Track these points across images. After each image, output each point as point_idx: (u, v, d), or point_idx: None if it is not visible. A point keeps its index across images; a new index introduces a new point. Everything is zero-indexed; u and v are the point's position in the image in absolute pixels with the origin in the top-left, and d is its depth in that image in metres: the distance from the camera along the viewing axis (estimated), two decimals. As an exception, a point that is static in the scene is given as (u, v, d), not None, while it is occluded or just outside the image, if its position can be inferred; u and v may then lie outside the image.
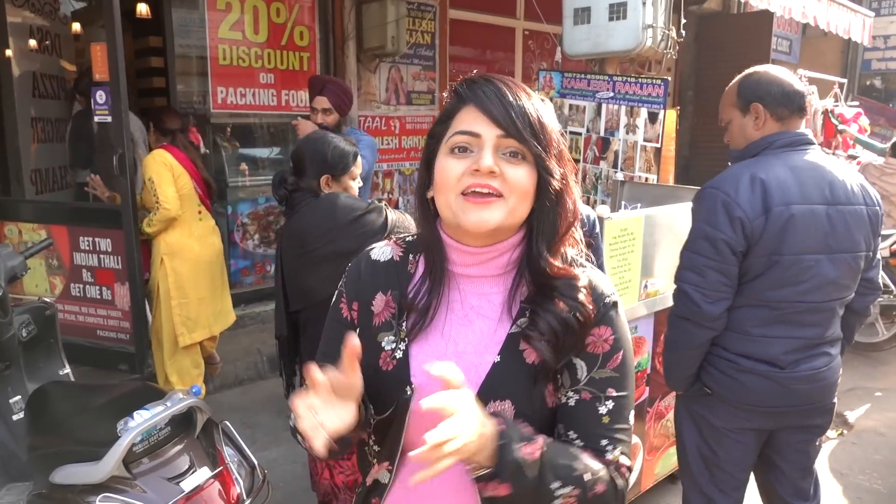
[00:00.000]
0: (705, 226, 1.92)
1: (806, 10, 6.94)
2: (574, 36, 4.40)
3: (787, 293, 1.92)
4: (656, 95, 4.14)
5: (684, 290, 1.94)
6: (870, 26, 8.37)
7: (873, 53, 11.32)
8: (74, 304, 4.10)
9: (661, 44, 4.28)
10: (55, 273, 4.12)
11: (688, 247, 1.98)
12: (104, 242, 3.92)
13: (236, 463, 2.08)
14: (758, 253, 1.88)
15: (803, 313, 1.94)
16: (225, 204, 5.42)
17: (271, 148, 5.80)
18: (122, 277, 3.90)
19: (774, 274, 1.90)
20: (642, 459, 2.84)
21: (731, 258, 1.89)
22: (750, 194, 1.88)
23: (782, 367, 1.95)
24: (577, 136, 4.65)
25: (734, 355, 1.97)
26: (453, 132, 1.02)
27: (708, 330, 1.95)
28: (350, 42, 5.44)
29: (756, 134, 2.02)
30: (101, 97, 3.75)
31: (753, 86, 2.02)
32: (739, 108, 2.05)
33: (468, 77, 1.06)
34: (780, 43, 9.61)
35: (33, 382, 2.52)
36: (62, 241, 4.02)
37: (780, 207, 1.86)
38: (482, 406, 0.95)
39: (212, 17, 4.91)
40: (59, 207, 4.52)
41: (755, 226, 1.86)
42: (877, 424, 3.97)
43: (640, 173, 4.24)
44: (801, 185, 1.90)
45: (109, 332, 4.04)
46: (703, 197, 1.98)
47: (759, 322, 1.95)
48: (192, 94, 5.25)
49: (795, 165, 1.93)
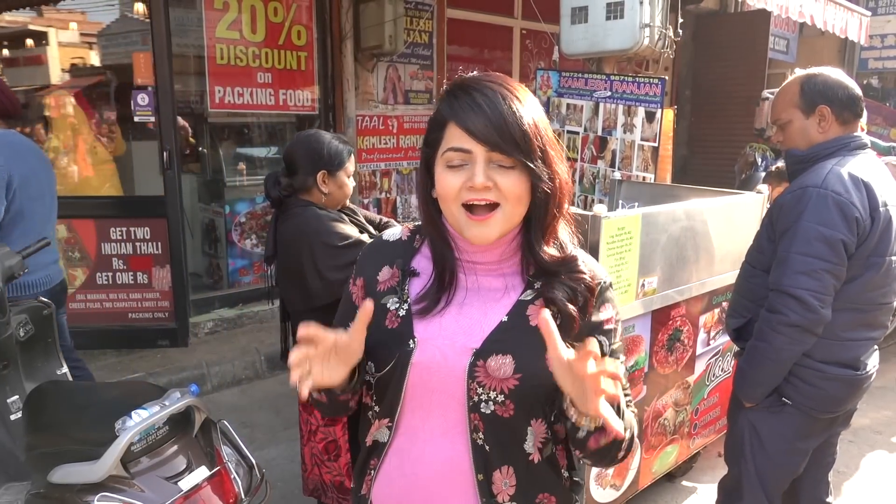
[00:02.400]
0: (820, 227, 1.82)
1: (803, 10, 6.95)
2: (571, 35, 4.40)
3: (875, 295, 1.93)
4: (653, 95, 4.14)
5: (799, 297, 1.83)
6: (867, 25, 8.38)
7: (870, 52, 11.33)
8: (101, 293, 4.52)
9: (659, 43, 4.29)
10: (76, 265, 4.45)
11: (798, 250, 1.85)
12: (141, 231, 4.44)
13: (234, 462, 2.08)
14: (860, 255, 1.86)
15: (882, 315, 1.97)
16: (222, 203, 5.43)
17: (269, 147, 5.80)
18: (161, 261, 4.47)
19: (869, 276, 1.89)
20: (640, 458, 2.85)
21: (844, 260, 1.84)
22: (858, 193, 1.84)
23: (858, 368, 1.96)
24: (575, 135, 4.66)
25: (819, 363, 1.93)
26: (446, 147, 1.08)
27: (815, 337, 1.88)
28: (347, 41, 5.44)
29: (819, 136, 1.98)
30: (144, 99, 4.37)
31: (821, 87, 1.97)
32: (802, 109, 2.00)
33: (453, 85, 1.10)
34: (777, 42, 9.62)
35: (31, 382, 2.52)
36: (87, 233, 4.43)
37: (883, 208, 1.87)
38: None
39: (209, 17, 4.90)
40: (88, 201, 4.82)
41: (865, 226, 1.84)
42: (873, 423, 3.98)
43: (637, 172, 4.25)
44: (885, 185, 1.91)
45: (145, 313, 4.56)
46: (805, 197, 1.87)
47: (847, 326, 1.92)
48: (189, 93, 5.25)
49: (872, 167, 1.93)
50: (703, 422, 3.21)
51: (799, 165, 2.01)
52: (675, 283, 2.80)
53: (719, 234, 2.98)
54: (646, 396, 2.79)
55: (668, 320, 2.83)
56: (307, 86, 5.50)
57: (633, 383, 2.70)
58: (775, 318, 1.89)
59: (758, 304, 2.00)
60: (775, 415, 2.01)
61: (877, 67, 11.71)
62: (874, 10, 10.97)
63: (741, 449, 2.10)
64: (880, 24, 10.99)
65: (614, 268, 2.48)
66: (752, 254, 2.12)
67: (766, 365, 1.95)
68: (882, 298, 1.96)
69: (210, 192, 5.70)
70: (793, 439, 2.02)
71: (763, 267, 2.02)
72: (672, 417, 2.98)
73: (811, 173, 1.92)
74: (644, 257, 2.60)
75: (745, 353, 2.03)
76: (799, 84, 2.02)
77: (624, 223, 2.50)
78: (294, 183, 2.33)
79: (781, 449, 2.03)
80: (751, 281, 2.09)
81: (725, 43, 8.39)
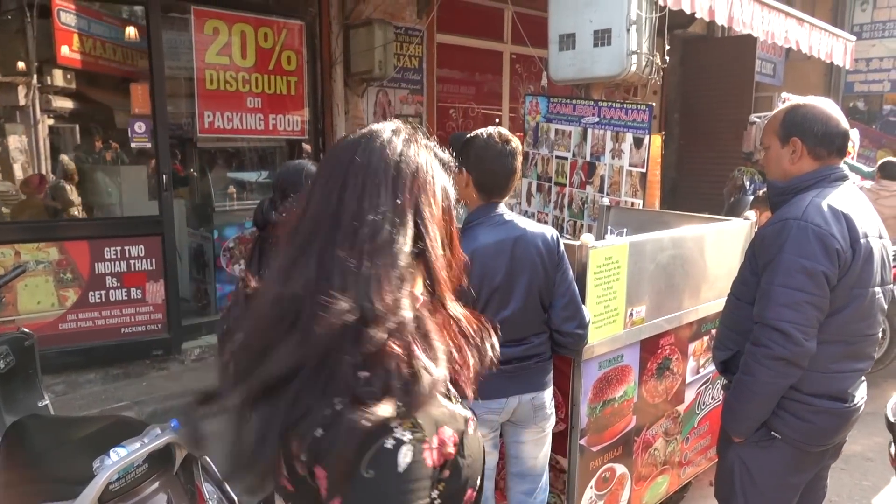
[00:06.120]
0: (801, 259, 1.82)
1: (788, 35, 7.04)
2: (559, 61, 4.43)
3: (861, 326, 1.92)
4: (641, 121, 4.16)
5: (782, 329, 1.82)
6: (851, 50, 8.49)
7: (856, 76, 11.49)
8: (93, 311, 4.59)
9: (646, 69, 4.32)
10: (67, 286, 4.51)
11: (780, 282, 1.84)
12: (135, 249, 4.63)
13: (216, 499, 2.04)
14: (844, 286, 1.85)
15: (868, 346, 1.96)
16: (211, 228, 5.40)
17: (259, 171, 5.79)
18: (155, 276, 4.70)
19: (853, 308, 1.88)
20: (630, 489, 2.81)
21: (827, 292, 1.83)
22: (838, 225, 1.84)
23: (846, 400, 1.95)
24: (564, 160, 4.67)
25: (808, 395, 1.92)
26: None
27: (801, 369, 1.87)
28: (338, 66, 5.46)
29: (791, 168, 1.99)
30: (141, 127, 4.61)
31: (799, 119, 1.98)
32: (780, 137, 2.01)
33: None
34: (764, 66, 9.75)
35: (11, 415, 2.47)
36: (80, 254, 4.50)
37: (864, 240, 1.87)
38: None
39: (199, 42, 4.91)
40: (82, 223, 5.12)
41: (846, 258, 1.84)
42: (864, 450, 3.96)
43: (626, 198, 4.26)
44: (865, 217, 1.91)
45: (138, 326, 4.73)
46: (786, 229, 1.87)
47: (834, 358, 1.91)
48: (179, 116, 5.25)
49: (852, 198, 1.94)
50: (693, 450, 3.18)
51: (780, 197, 2.02)
52: (663, 312, 2.79)
53: (707, 261, 2.98)
54: (635, 427, 2.77)
55: (658, 349, 2.82)
56: (297, 110, 5.51)
57: (622, 414, 2.68)
58: (761, 352, 1.88)
59: (744, 336, 1.99)
60: (765, 450, 1.98)
61: (862, 90, 11.87)
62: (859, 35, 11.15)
63: (732, 486, 2.07)
64: (865, 48, 11.16)
65: (602, 298, 2.46)
66: (737, 286, 2.12)
67: (753, 399, 1.94)
68: (867, 330, 1.95)
69: (198, 217, 5.67)
70: (784, 474, 1.99)
71: (747, 299, 2.01)
72: (662, 447, 2.95)
73: (791, 205, 1.93)
74: (632, 286, 2.59)
75: (731, 387, 2.02)
76: (784, 112, 2.04)
77: (611, 252, 2.49)
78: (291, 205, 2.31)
79: (772, 484, 2.01)
80: (736, 313, 2.09)
81: (713, 66, 8.49)
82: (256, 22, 5.17)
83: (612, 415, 2.63)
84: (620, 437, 2.69)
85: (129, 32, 5.50)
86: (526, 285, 2.15)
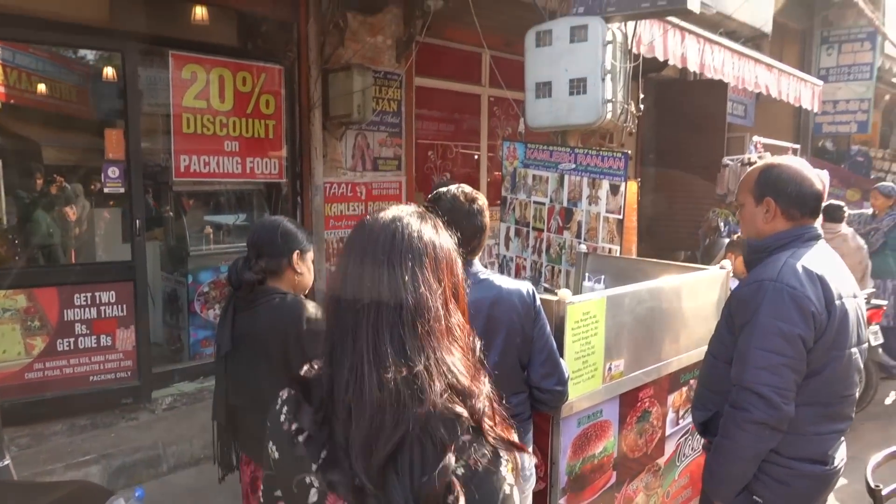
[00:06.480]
0: (777, 321, 1.81)
1: (758, 80, 7.24)
2: (536, 109, 4.48)
3: (839, 388, 1.91)
4: (617, 168, 4.21)
5: (760, 393, 1.81)
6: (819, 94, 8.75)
7: (824, 118, 11.82)
8: (61, 359, 4.47)
9: (621, 117, 4.39)
10: (35, 334, 4.40)
11: (757, 345, 1.83)
12: (106, 295, 4.54)
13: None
14: (820, 348, 1.84)
15: (846, 407, 1.95)
16: (185, 272, 5.31)
17: (236, 214, 5.74)
18: (126, 322, 4.60)
19: (831, 370, 1.87)
20: (611, 546, 2.76)
21: (804, 355, 1.82)
22: (813, 287, 1.84)
23: (826, 463, 1.94)
24: (541, 205, 4.69)
25: (788, 459, 1.90)
26: None
27: (780, 433, 1.85)
28: (316, 110, 5.47)
29: (764, 227, 2.00)
30: (115, 172, 4.55)
31: (773, 179, 1.99)
32: (754, 196, 2.02)
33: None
34: (735, 107, 9.98)
35: (-31, 479, 2.37)
36: (49, 301, 4.39)
37: (838, 301, 1.86)
38: None
39: (176, 86, 4.90)
40: (52, 269, 5.04)
41: (822, 320, 1.83)
42: (845, 497, 3.94)
43: (603, 244, 4.28)
44: (839, 278, 1.92)
45: (107, 374, 4.61)
46: (762, 291, 1.86)
47: (813, 420, 1.90)
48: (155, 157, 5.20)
49: (826, 259, 1.94)
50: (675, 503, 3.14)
51: (755, 255, 2.03)
52: (642, 365, 2.77)
53: (685, 311, 2.98)
54: (615, 482, 2.72)
55: (637, 402, 2.79)
56: (275, 153, 5.49)
57: (602, 470, 2.64)
58: (740, 415, 1.86)
59: (722, 396, 1.98)
60: None
61: (830, 131, 12.21)
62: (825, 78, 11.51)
63: None
64: (832, 90, 11.51)
65: (581, 353, 2.44)
66: (714, 344, 2.11)
67: (734, 462, 1.91)
68: (845, 391, 1.95)
69: (173, 261, 5.59)
70: None
71: (724, 358, 2.00)
72: (643, 502, 2.91)
73: (767, 266, 1.93)
74: (610, 340, 2.57)
75: (712, 450, 1.99)
76: (759, 171, 2.06)
77: (589, 307, 2.48)
78: (269, 266, 2.26)
79: None
80: (713, 372, 2.07)
81: (686, 109, 8.67)
82: (235, 66, 5.18)
83: (593, 471, 2.59)
84: (601, 494, 2.65)
85: (107, 74, 5.48)
86: (502, 345, 2.12)
